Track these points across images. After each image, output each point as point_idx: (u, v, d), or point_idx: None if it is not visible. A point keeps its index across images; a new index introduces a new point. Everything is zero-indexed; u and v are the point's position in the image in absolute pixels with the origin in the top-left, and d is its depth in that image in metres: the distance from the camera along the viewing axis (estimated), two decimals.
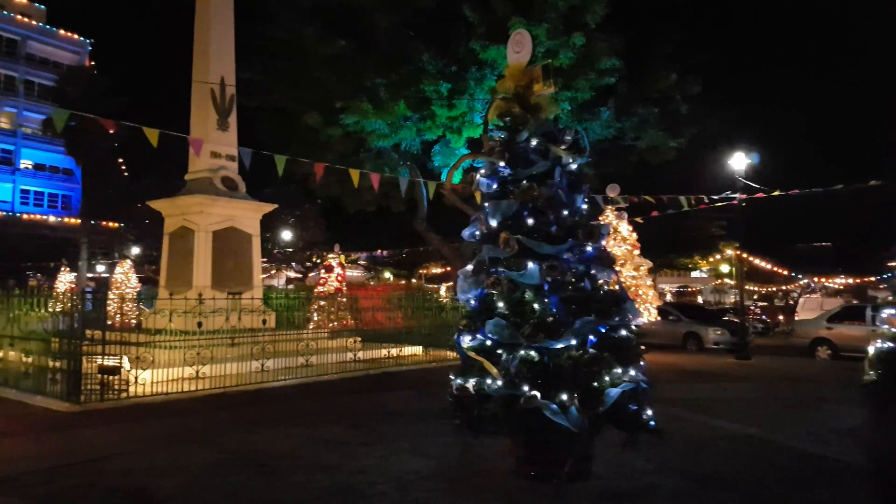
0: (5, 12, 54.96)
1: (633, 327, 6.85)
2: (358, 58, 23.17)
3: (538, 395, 6.13)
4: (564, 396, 6.15)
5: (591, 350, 6.38)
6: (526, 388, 6.19)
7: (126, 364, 10.95)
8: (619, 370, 6.43)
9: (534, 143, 6.69)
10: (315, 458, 7.48)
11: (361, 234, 48.21)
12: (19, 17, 56.09)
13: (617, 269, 7.47)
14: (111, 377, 10.62)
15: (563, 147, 6.74)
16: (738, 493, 6.43)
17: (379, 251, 53.56)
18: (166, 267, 16.67)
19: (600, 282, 6.81)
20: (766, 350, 23.49)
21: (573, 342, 6.34)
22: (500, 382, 6.32)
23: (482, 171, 7.00)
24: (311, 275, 46.36)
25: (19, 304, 11.93)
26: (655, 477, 6.86)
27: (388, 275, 57.49)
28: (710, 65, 25.61)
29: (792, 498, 6.37)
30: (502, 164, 6.76)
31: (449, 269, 35.21)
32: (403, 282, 49.08)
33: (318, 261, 43.29)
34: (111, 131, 42.15)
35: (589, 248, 6.69)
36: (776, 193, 24.14)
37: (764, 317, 40.28)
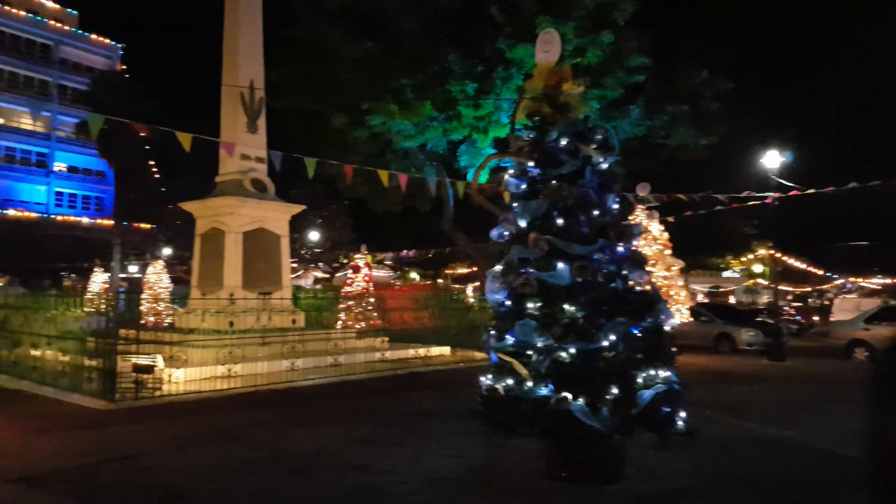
0: (39, 17, 56.08)
1: (667, 328, 6.76)
2: (384, 59, 23.22)
3: (569, 396, 6.08)
4: (596, 398, 6.10)
5: (623, 352, 6.30)
6: (556, 389, 6.15)
7: (160, 363, 11.10)
8: (652, 372, 6.37)
9: (563, 142, 6.63)
10: (345, 458, 7.51)
11: (388, 234, 48.28)
12: (52, 22, 57.23)
13: (649, 269, 7.38)
14: (145, 376, 10.77)
15: (592, 146, 6.68)
16: (773, 498, 6.32)
17: (405, 251, 53.61)
18: (198, 267, 16.87)
19: (632, 282, 6.72)
20: (800, 352, 23.08)
21: (604, 343, 6.27)
22: (530, 384, 6.28)
23: (511, 171, 6.95)
24: (338, 275, 46.56)
25: (56, 304, 12.13)
26: (688, 480, 6.77)
27: (414, 275, 57.53)
28: (744, 61, 25.17)
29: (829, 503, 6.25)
30: (531, 163, 6.71)
31: (475, 269, 35.13)
32: (429, 282, 49.08)
33: (346, 261, 43.48)
34: (143, 134, 42.88)
35: (620, 248, 6.62)
36: (810, 191, 23.78)
37: (798, 317, 39.55)
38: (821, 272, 54.38)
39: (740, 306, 47.10)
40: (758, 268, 59.10)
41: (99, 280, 30.90)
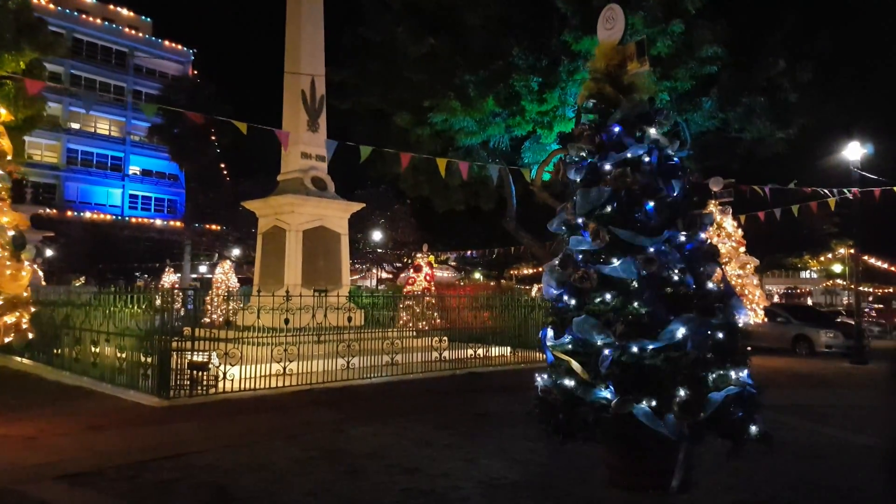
0: (115, 25, 58.09)
1: (739, 326, 6.23)
2: (448, 55, 23.00)
3: (632, 399, 5.65)
4: (661, 401, 5.64)
5: (691, 350, 5.81)
6: (618, 391, 5.72)
7: (215, 360, 11.04)
8: (723, 373, 5.87)
9: (627, 125, 6.18)
10: (399, 459, 7.24)
11: (452, 234, 48.17)
12: (127, 29, 59.27)
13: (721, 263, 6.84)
14: (200, 373, 10.72)
15: (659, 130, 6.21)
16: None
17: (469, 251, 53.32)
18: (260, 266, 16.95)
19: (702, 276, 6.21)
20: (883, 355, 21.84)
21: (671, 342, 5.78)
22: (589, 385, 5.86)
23: (570, 156, 6.52)
24: (401, 275, 46.64)
25: (115, 301, 12.24)
26: (765, 490, 6.25)
27: (477, 275, 57.24)
28: (832, 50, 23.80)
29: None
30: (592, 149, 6.27)
31: (540, 269, 34.60)
32: (493, 282, 48.65)
33: (409, 261, 43.48)
34: (213, 139, 43.87)
35: (689, 239, 6.13)
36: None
37: (880, 320, 37.64)
38: None
39: (818, 308, 45.19)
40: (837, 268, 56.72)
41: (170, 280, 31.64)
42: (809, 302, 55.19)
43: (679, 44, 20.90)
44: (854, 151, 21.62)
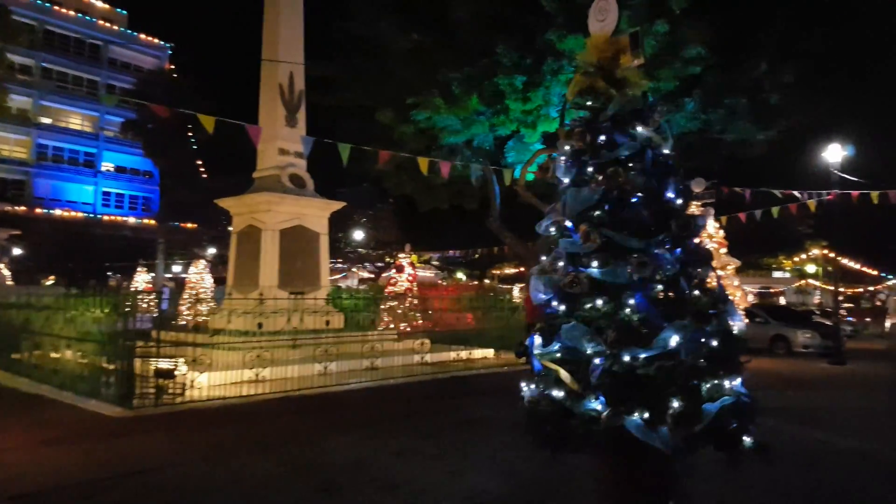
0: (89, 17, 56.90)
1: (735, 332, 5.94)
2: (433, 52, 22.71)
3: (624, 410, 5.34)
4: (654, 413, 5.34)
5: (685, 359, 5.51)
6: (609, 402, 5.40)
7: (182, 367, 10.54)
8: (718, 382, 5.58)
9: (620, 122, 5.86)
10: (377, 473, 6.87)
11: (435, 233, 47.89)
12: (102, 22, 57.93)
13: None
14: (166, 381, 10.20)
15: (653, 128, 5.90)
16: None
17: (452, 251, 53.03)
18: (234, 267, 16.48)
19: (696, 281, 5.91)
20: (858, 354, 21.94)
21: (665, 350, 5.48)
22: (579, 395, 5.54)
23: (560, 155, 6.18)
24: (384, 275, 46.29)
25: (76, 303, 11.67)
26: (763, 500, 5.98)
27: (461, 275, 57.00)
28: (815, 52, 23.76)
29: None
30: (582, 146, 5.94)
31: (523, 269, 34.33)
32: (476, 282, 48.40)
33: (391, 260, 43.11)
34: (189, 134, 43.08)
35: (684, 243, 5.83)
36: (875, 194, 22.54)
37: (850, 319, 38.02)
38: (874, 272, 52.06)
39: (793, 307, 45.56)
40: (811, 268, 57.25)
41: (142, 280, 30.87)
42: (782, 301, 55.63)
43: (663, 44, 20.73)
44: (834, 153, 21.64)
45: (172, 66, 58.67)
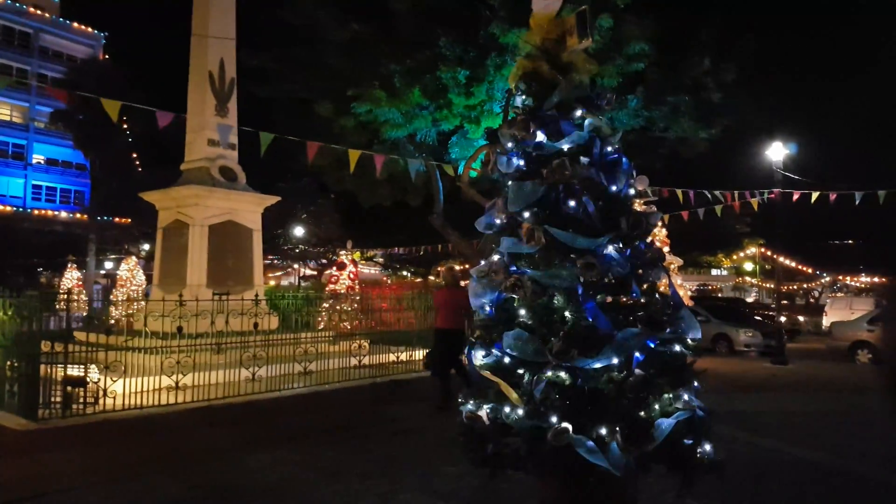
0: (18, 4, 54.37)
1: (689, 341, 5.48)
2: (373, 43, 22.00)
3: (570, 427, 4.81)
4: (603, 430, 4.82)
5: (636, 371, 5.02)
6: (555, 418, 4.86)
7: (94, 374, 9.65)
8: (672, 395, 5.11)
9: (566, 110, 5.33)
10: (301, 498, 6.22)
11: (379, 230, 47.15)
12: (32, 9, 55.43)
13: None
14: (76, 389, 9.32)
15: (601, 116, 5.39)
16: None
17: (396, 248, 52.33)
18: (160, 264, 15.56)
19: (648, 284, 5.42)
20: (799, 353, 22.13)
21: (615, 361, 4.96)
22: (521, 411, 4.99)
23: (502, 145, 5.61)
24: (326, 272, 45.37)
25: None
26: None
27: (405, 273, 56.40)
28: (757, 51, 23.89)
29: None
30: (527, 136, 5.38)
31: (467, 266, 33.94)
32: (420, 280, 47.83)
33: (333, 258, 42.20)
34: (124, 125, 41.32)
35: (635, 243, 5.33)
36: (816, 194, 22.83)
37: (801, 318, 38.80)
38: (809, 270, 53.50)
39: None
40: (748, 266, 58.53)
41: (73, 277, 29.35)
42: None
43: (607, 39, 20.45)
44: (777, 152, 21.82)
45: (106, 56, 56.55)
